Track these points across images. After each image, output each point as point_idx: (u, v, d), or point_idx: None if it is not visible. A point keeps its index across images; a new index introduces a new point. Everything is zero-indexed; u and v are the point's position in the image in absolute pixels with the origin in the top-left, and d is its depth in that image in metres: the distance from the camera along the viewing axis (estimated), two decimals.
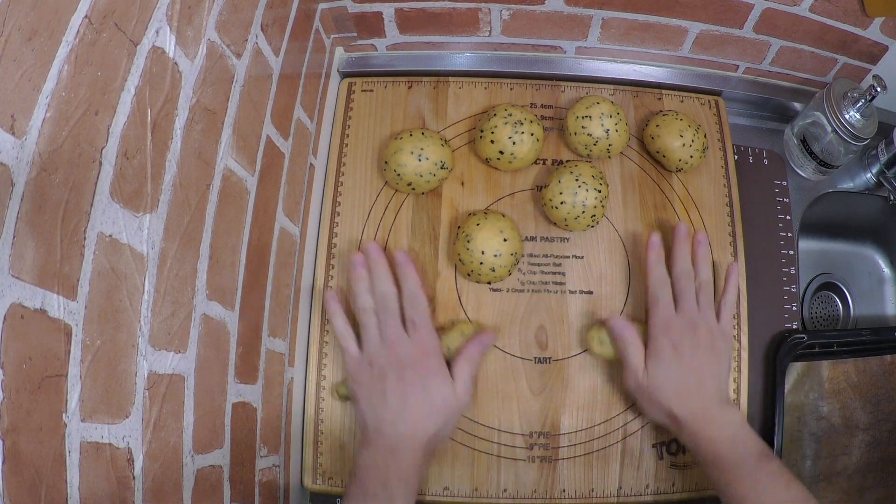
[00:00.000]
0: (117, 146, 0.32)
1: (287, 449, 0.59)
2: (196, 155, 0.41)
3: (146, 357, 0.36)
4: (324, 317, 0.63)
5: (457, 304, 0.63)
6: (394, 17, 0.66)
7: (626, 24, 0.66)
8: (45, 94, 0.27)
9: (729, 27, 0.66)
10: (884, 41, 0.65)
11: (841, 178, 0.75)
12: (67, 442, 0.29)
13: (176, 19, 0.37)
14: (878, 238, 0.88)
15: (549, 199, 0.62)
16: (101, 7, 0.31)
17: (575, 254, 0.65)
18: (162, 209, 0.37)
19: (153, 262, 0.36)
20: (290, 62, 0.56)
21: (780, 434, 0.62)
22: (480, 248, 0.59)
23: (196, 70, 0.40)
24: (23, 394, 0.27)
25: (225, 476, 0.46)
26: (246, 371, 0.49)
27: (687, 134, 0.65)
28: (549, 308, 0.63)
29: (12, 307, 0.26)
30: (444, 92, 0.70)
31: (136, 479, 0.35)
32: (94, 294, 0.31)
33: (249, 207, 0.49)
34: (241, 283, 0.48)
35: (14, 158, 0.26)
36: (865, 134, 0.65)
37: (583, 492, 0.60)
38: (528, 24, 0.67)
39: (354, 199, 0.66)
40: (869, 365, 0.67)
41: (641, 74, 0.72)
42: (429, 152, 0.62)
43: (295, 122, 0.59)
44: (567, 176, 0.61)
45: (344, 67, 0.71)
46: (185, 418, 0.40)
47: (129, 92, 0.33)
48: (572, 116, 0.65)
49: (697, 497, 0.61)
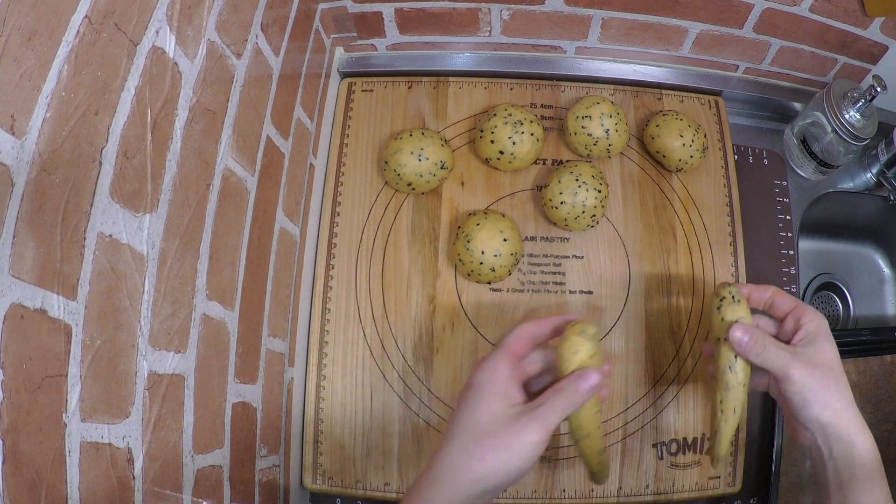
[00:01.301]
0: (117, 146, 0.32)
1: (287, 449, 0.59)
2: (196, 155, 0.41)
3: (146, 357, 0.36)
4: (324, 317, 0.63)
5: (457, 305, 0.63)
6: (394, 17, 0.66)
7: (626, 24, 0.66)
8: (45, 94, 0.27)
9: (729, 27, 0.66)
10: (884, 41, 0.65)
11: (841, 178, 0.75)
12: (67, 442, 0.29)
13: (176, 19, 0.37)
14: (878, 238, 0.88)
15: (549, 199, 0.62)
16: (101, 7, 0.30)
17: (575, 254, 0.65)
18: (162, 209, 0.37)
19: (153, 262, 0.36)
20: (290, 62, 0.56)
21: (780, 434, 0.62)
22: (480, 248, 0.59)
23: (196, 70, 0.40)
24: (23, 394, 0.27)
25: (225, 476, 0.46)
26: (246, 371, 0.49)
27: (687, 134, 0.65)
28: (549, 308, 0.63)
29: (12, 307, 0.26)
30: (444, 92, 0.70)
31: (136, 479, 0.35)
32: (94, 294, 0.31)
33: (249, 207, 0.49)
34: (241, 283, 0.48)
35: (14, 158, 0.26)
36: (865, 134, 0.65)
37: (583, 492, 0.60)
38: (528, 24, 0.67)
39: (354, 199, 0.66)
40: (869, 365, 0.67)
41: (641, 74, 0.72)
42: (429, 152, 0.62)
43: (295, 122, 0.59)
44: (567, 176, 0.61)
45: (344, 67, 0.71)
46: (185, 418, 0.40)
47: (129, 92, 0.33)
48: (572, 116, 0.65)
49: (697, 497, 0.61)
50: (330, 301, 0.63)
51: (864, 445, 0.45)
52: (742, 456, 0.61)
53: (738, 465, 0.61)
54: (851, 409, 0.46)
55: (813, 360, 0.46)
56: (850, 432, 0.45)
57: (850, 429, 0.45)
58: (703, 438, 0.61)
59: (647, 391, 0.62)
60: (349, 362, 0.62)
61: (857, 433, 0.45)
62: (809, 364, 0.46)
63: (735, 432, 0.51)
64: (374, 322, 0.63)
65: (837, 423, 0.45)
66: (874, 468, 0.45)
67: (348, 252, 0.65)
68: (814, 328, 0.48)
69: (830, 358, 0.47)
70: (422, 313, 0.63)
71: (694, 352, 0.63)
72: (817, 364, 0.46)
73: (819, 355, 0.47)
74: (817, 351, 0.47)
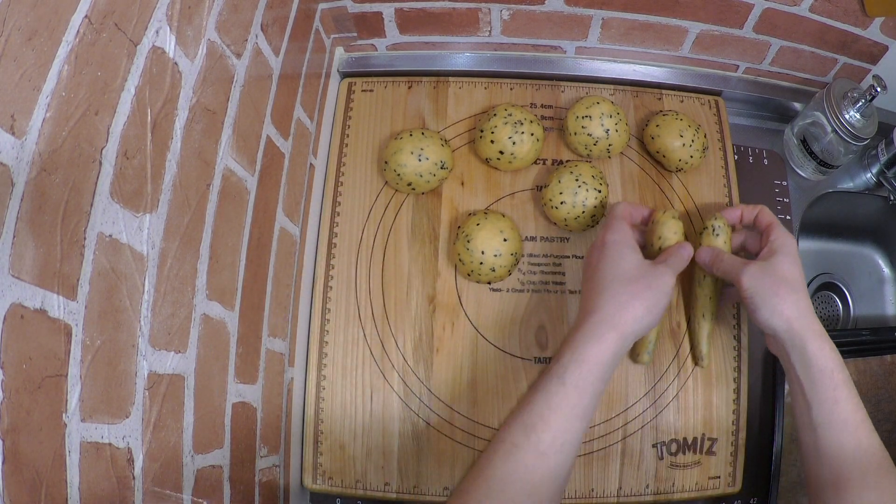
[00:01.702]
0: (117, 146, 0.32)
1: (287, 449, 0.59)
2: (196, 155, 0.41)
3: (146, 357, 0.36)
4: (324, 317, 0.63)
5: (457, 305, 0.63)
6: (394, 17, 0.66)
7: (626, 24, 0.66)
8: (45, 94, 0.27)
9: (729, 27, 0.66)
10: (884, 41, 0.65)
11: (841, 178, 0.75)
12: (67, 442, 0.29)
13: (176, 19, 0.37)
14: (878, 238, 0.88)
15: (549, 199, 0.62)
16: (101, 7, 0.30)
17: (575, 254, 0.65)
18: (162, 209, 0.37)
19: (153, 262, 0.36)
20: (290, 62, 0.56)
21: (781, 434, 0.62)
22: (480, 248, 0.59)
23: (196, 70, 0.40)
24: (23, 394, 0.27)
25: (225, 476, 0.46)
26: (246, 371, 0.49)
27: (687, 134, 0.65)
28: (549, 308, 0.63)
29: (12, 307, 0.26)
30: (444, 92, 0.70)
31: (136, 479, 0.35)
32: (94, 294, 0.31)
33: (249, 207, 0.49)
34: (241, 283, 0.48)
35: (14, 158, 0.26)
36: (865, 134, 0.65)
37: (583, 492, 0.60)
38: (528, 24, 0.67)
39: (354, 199, 0.66)
40: (869, 365, 0.67)
41: (641, 74, 0.72)
42: (429, 152, 0.62)
43: (295, 122, 0.59)
44: (567, 176, 0.61)
45: (344, 67, 0.71)
46: (185, 418, 0.40)
47: (129, 92, 0.33)
48: (572, 116, 0.65)
49: (697, 497, 0.61)
50: (330, 301, 0.63)
51: (817, 351, 0.48)
52: (742, 456, 0.61)
53: (738, 465, 0.61)
54: (805, 318, 0.50)
55: (765, 270, 0.52)
56: (802, 338, 0.49)
57: (803, 335, 0.49)
58: (703, 438, 0.61)
59: (647, 391, 0.62)
60: (349, 362, 0.62)
61: (811, 339, 0.49)
62: (760, 273, 0.52)
63: (710, 336, 0.61)
64: (374, 322, 0.63)
65: (790, 329, 0.49)
66: (834, 375, 0.48)
67: (348, 252, 0.65)
68: (777, 245, 0.54)
69: (784, 269, 0.52)
70: (422, 313, 0.63)
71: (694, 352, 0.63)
72: (769, 273, 0.52)
73: (772, 267, 0.52)
74: (772, 263, 0.52)
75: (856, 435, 0.47)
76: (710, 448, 0.61)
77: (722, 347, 0.63)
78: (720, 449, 0.61)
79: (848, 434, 0.47)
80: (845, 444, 0.47)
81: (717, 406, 0.62)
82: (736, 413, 0.62)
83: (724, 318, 0.64)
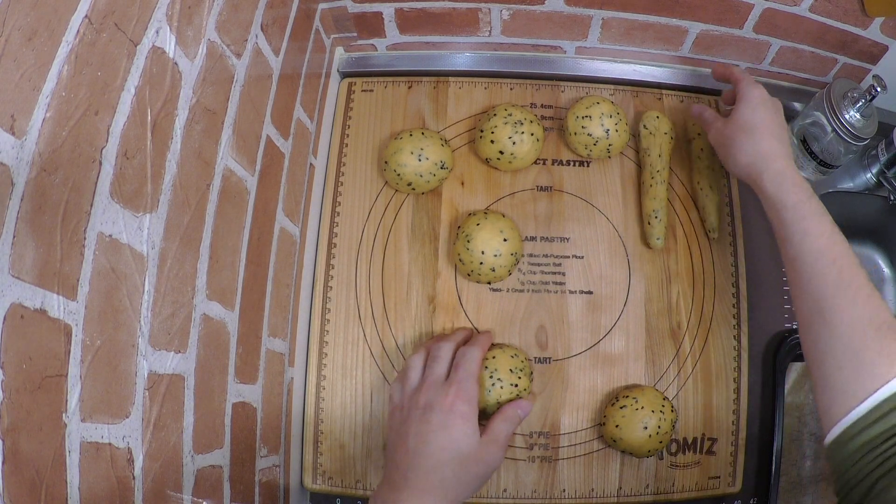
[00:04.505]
0: (117, 146, 0.32)
1: (287, 449, 0.59)
2: (196, 155, 0.41)
3: (146, 357, 0.36)
4: (324, 317, 0.63)
5: (457, 305, 0.63)
6: (394, 17, 0.66)
7: (626, 24, 0.66)
8: (45, 94, 0.27)
9: (729, 27, 0.66)
10: (884, 41, 0.65)
11: (841, 178, 0.75)
12: (67, 442, 0.29)
13: (176, 19, 0.37)
14: (878, 238, 0.88)
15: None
16: (101, 7, 0.31)
17: (575, 254, 0.65)
18: (162, 209, 0.37)
19: (153, 262, 0.36)
20: (290, 62, 0.56)
21: (780, 434, 0.62)
22: (480, 248, 0.59)
23: (196, 70, 0.40)
24: (23, 394, 0.27)
25: (225, 476, 0.46)
26: (246, 371, 0.49)
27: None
28: (549, 308, 0.63)
29: (12, 307, 0.26)
30: (444, 92, 0.70)
31: (136, 479, 0.35)
32: (94, 294, 0.31)
33: (249, 207, 0.49)
34: (241, 283, 0.48)
35: (14, 158, 0.26)
36: (865, 134, 0.65)
37: (583, 492, 0.60)
38: (528, 24, 0.67)
39: (354, 199, 0.66)
40: None
41: (641, 74, 0.72)
42: (429, 152, 0.62)
43: (295, 122, 0.59)
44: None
45: (344, 67, 0.71)
46: (185, 418, 0.40)
47: (129, 92, 0.33)
48: (572, 116, 0.65)
49: (697, 497, 0.61)
50: (330, 301, 0.63)
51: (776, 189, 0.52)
52: (742, 456, 0.61)
53: (738, 465, 0.61)
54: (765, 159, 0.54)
55: (726, 122, 0.59)
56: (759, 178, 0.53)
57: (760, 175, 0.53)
58: (703, 438, 0.61)
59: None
60: (349, 362, 0.62)
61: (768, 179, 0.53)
62: (721, 125, 0.59)
63: (719, 206, 0.66)
64: (374, 322, 0.63)
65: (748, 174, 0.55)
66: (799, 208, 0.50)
67: (348, 252, 0.65)
68: (739, 96, 0.59)
69: (745, 117, 0.57)
70: (422, 313, 0.63)
71: (694, 352, 0.63)
72: (729, 125, 0.58)
73: (732, 118, 0.58)
74: (733, 114, 0.58)
75: (836, 265, 0.47)
76: (710, 448, 0.61)
77: (722, 347, 0.63)
78: (720, 449, 0.61)
79: (826, 263, 0.47)
80: (826, 273, 0.47)
81: (717, 406, 0.62)
82: (736, 413, 0.62)
83: (725, 318, 0.64)
